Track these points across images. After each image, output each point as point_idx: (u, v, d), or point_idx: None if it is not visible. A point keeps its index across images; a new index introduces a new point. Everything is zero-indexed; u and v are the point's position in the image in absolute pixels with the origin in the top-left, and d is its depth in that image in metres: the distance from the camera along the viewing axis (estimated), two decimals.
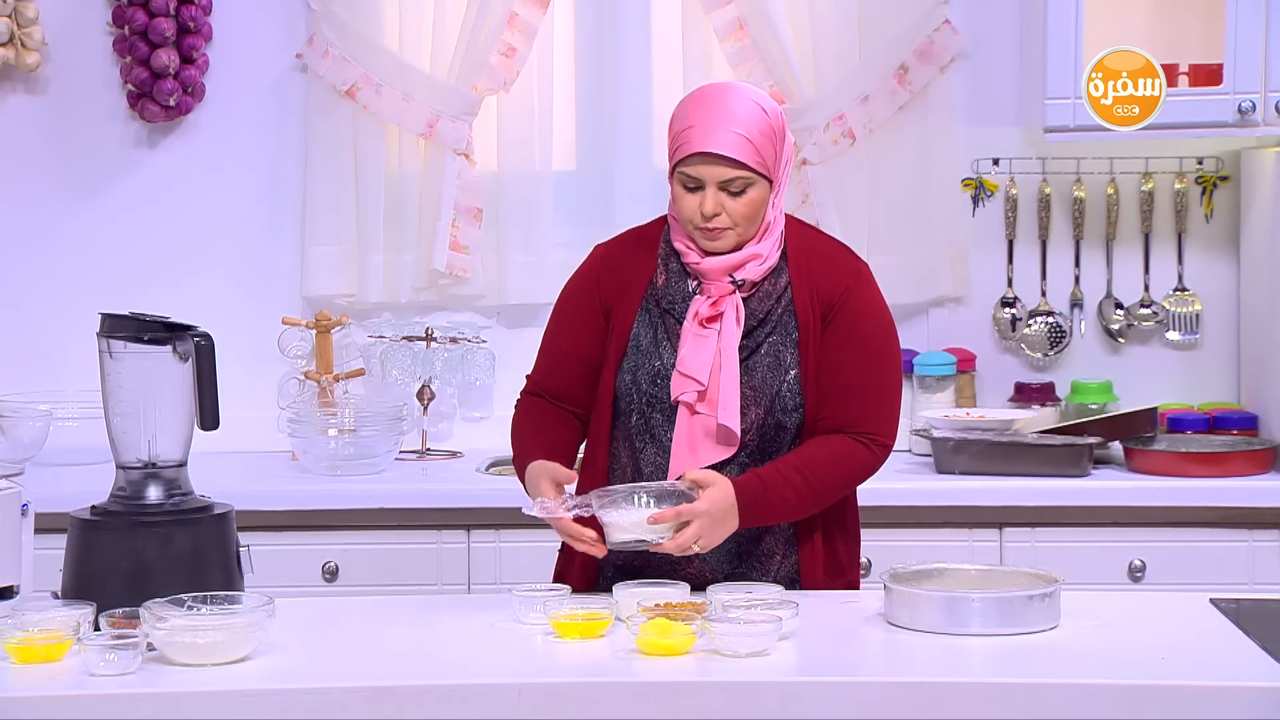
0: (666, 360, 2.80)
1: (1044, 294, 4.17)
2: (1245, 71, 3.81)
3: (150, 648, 2.42)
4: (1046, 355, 4.16)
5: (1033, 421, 3.87)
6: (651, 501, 2.67)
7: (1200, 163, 4.13)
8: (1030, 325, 4.16)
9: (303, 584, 3.59)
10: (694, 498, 2.68)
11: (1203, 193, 4.14)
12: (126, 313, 2.69)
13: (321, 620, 2.72)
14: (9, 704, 2.33)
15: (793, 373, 2.79)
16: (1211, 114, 3.83)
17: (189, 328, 2.68)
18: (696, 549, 2.68)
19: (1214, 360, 4.15)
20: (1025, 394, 4.10)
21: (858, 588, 2.90)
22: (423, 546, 3.67)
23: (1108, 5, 3.96)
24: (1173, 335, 4.15)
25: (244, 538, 2.72)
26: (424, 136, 4.10)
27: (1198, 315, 4.15)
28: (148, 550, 2.61)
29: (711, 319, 2.77)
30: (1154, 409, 3.91)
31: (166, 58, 4.04)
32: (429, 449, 4.07)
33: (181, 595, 2.52)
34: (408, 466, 3.96)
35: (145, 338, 2.66)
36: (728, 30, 4.08)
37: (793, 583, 2.80)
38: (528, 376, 2.96)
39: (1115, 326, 4.16)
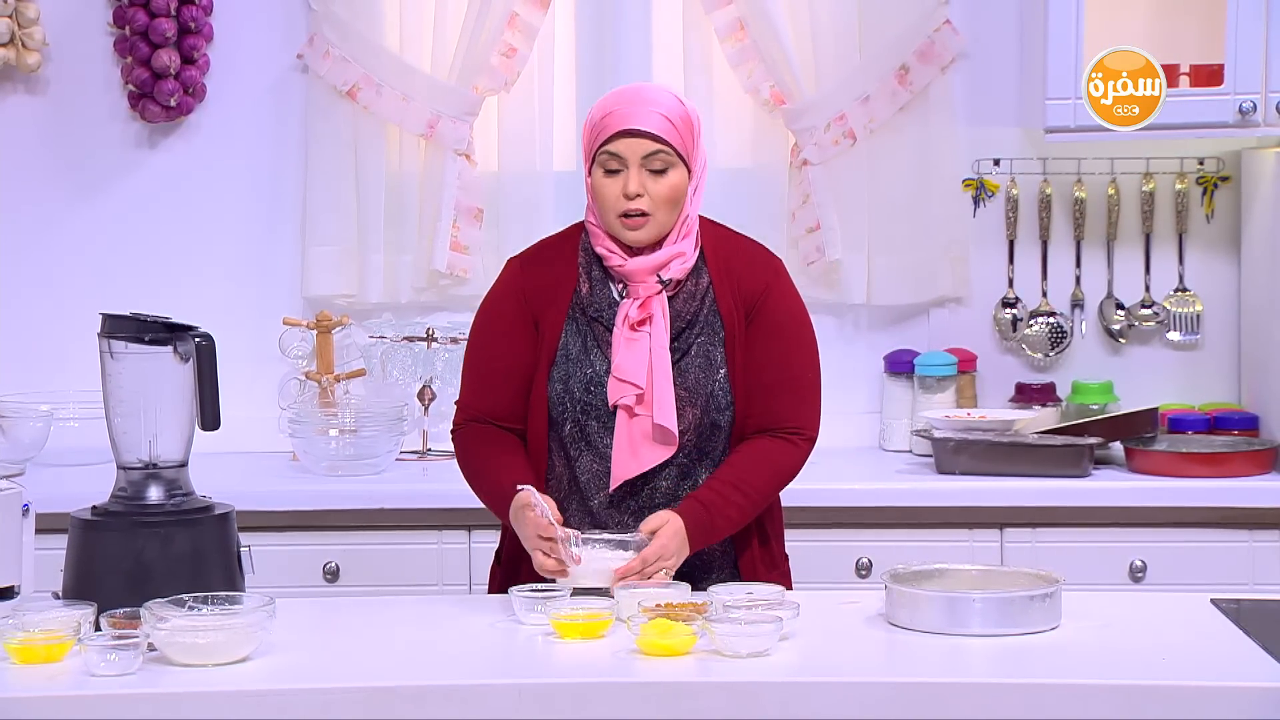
0: (598, 367, 2.82)
1: (1045, 294, 4.17)
2: (1246, 72, 3.80)
3: (151, 648, 2.42)
4: (1047, 356, 4.16)
5: (1033, 422, 3.87)
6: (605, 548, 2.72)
7: (1201, 163, 4.12)
8: (1031, 326, 4.16)
9: (303, 584, 3.59)
10: (647, 542, 2.73)
11: (1203, 193, 4.14)
12: (127, 313, 2.69)
13: (322, 620, 2.72)
14: (9, 704, 2.33)
15: (722, 372, 2.83)
16: (1212, 114, 3.83)
17: (190, 328, 2.68)
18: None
19: (1214, 361, 4.14)
20: (1026, 394, 4.10)
21: (790, 580, 2.95)
22: (424, 547, 3.67)
23: (1108, 5, 3.96)
24: (1173, 335, 4.15)
25: (245, 538, 2.72)
26: (424, 137, 4.10)
27: (1198, 315, 4.14)
28: (148, 550, 2.61)
29: (641, 322, 2.80)
30: (1155, 409, 3.91)
31: (167, 58, 4.04)
32: (430, 449, 4.07)
33: (182, 595, 2.52)
34: (408, 467, 3.96)
35: (146, 338, 2.66)
36: (728, 30, 4.08)
37: (735, 579, 2.84)
38: (458, 405, 2.94)
39: (1116, 327, 4.16)
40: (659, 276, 2.81)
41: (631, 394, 2.79)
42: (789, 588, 2.91)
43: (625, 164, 2.78)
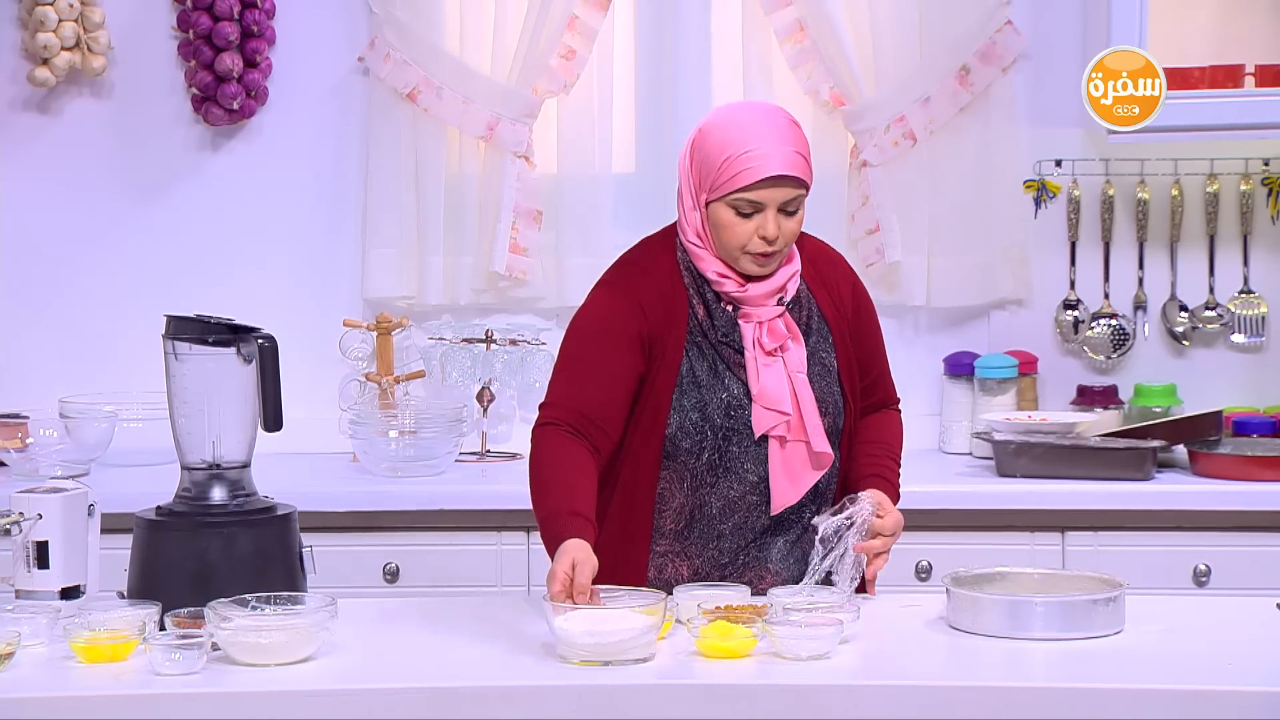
0: (735, 390, 2.75)
1: (1107, 296, 4.14)
2: None
3: (214, 647, 2.44)
4: (1109, 358, 4.13)
5: (1095, 425, 3.84)
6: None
7: (1266, 164, 4.09)
8: (1093, 328, 4.13)
9: (364, 585, 3.61)
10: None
11: (1269, 194, 4.10)
12: (191, 314, 2.71)
13: (383, 621, 2.73)
14: (75, 703, 2.35)
15: (836, 375, 2.83)
16: (1277, 115, 3.79)
17: (253, 329, 2.70)
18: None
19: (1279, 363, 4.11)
20: (1088, 397, 4.07)
21: None
22: (483, 548, 3.68)
23: (1172, 6, 3.93)
24: (1238, 338, 4.11)
25: (306, 538, 2.74)
26: (484, 139, 4.11)
27: (1263, 318, 4.11)
28: (212, 551, 2.63)
29: (776, 348, 2.75)
30: (1219, 412, 3.88)
31: (230, 61, 4.07)
32: (489, 450, 4.09)
33: (245, 595, 2.54)
34: (467, 468, 3.97)
35: (210, 339, 2.68)
36: (788, 32, 4.07)
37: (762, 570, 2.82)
38: (545, 405, 2.73)
39: (1179, 329, 4.12)
40: (780, 300, 2.77)
41: (781, 422, 2.73)
42: None
43: (762, 208, 2.69)
